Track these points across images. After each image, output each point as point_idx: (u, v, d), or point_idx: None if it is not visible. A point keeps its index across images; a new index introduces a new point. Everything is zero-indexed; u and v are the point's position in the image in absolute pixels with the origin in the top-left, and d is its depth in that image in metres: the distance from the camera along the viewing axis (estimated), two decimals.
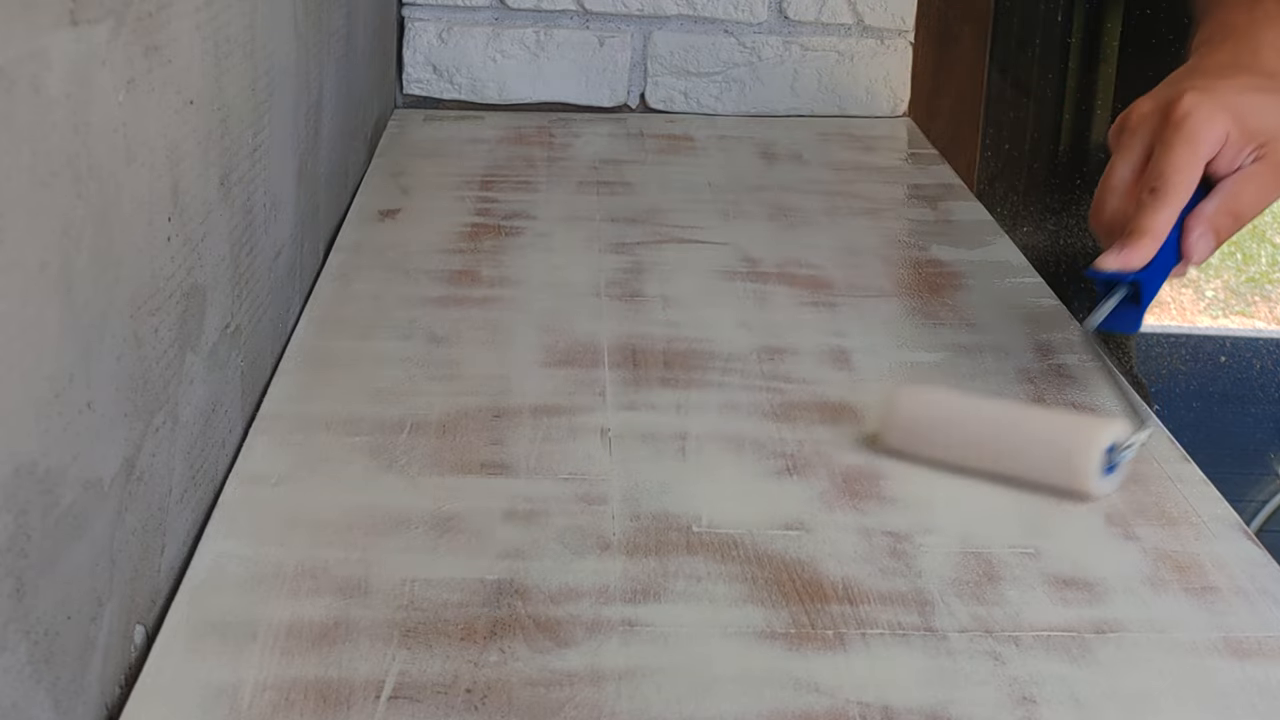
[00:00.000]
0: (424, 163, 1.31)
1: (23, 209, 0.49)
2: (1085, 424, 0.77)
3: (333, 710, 0.58)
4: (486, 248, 1.09)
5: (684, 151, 1.37)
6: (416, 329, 0.94)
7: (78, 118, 0.54)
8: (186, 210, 0.69)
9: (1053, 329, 0.97)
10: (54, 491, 0.53)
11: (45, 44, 0.51)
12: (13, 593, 0.50)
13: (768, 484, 0.76)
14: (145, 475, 0.63)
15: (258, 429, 0.80)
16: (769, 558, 0.69)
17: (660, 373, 0.89)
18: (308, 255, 1.00)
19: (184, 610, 0.64)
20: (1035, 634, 0.64)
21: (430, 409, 0.83)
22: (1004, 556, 0.70)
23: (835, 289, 1.03)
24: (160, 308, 0.65)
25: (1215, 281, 2.51)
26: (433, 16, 1.46)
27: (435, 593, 0.66)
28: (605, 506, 0.74)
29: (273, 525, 0.71)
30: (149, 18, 0.62)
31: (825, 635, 0.64)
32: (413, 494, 0.74)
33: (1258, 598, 0.68)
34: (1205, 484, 0.78)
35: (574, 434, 0.81)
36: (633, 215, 1.18)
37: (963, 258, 1.10)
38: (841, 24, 1.49)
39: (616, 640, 0.63)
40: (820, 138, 1.43)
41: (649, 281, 1.03)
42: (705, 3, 1.47)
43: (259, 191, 0.85)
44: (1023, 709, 0.59)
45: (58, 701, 0.54)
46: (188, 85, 0.69)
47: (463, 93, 1.48)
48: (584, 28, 1.47)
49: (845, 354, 0.92)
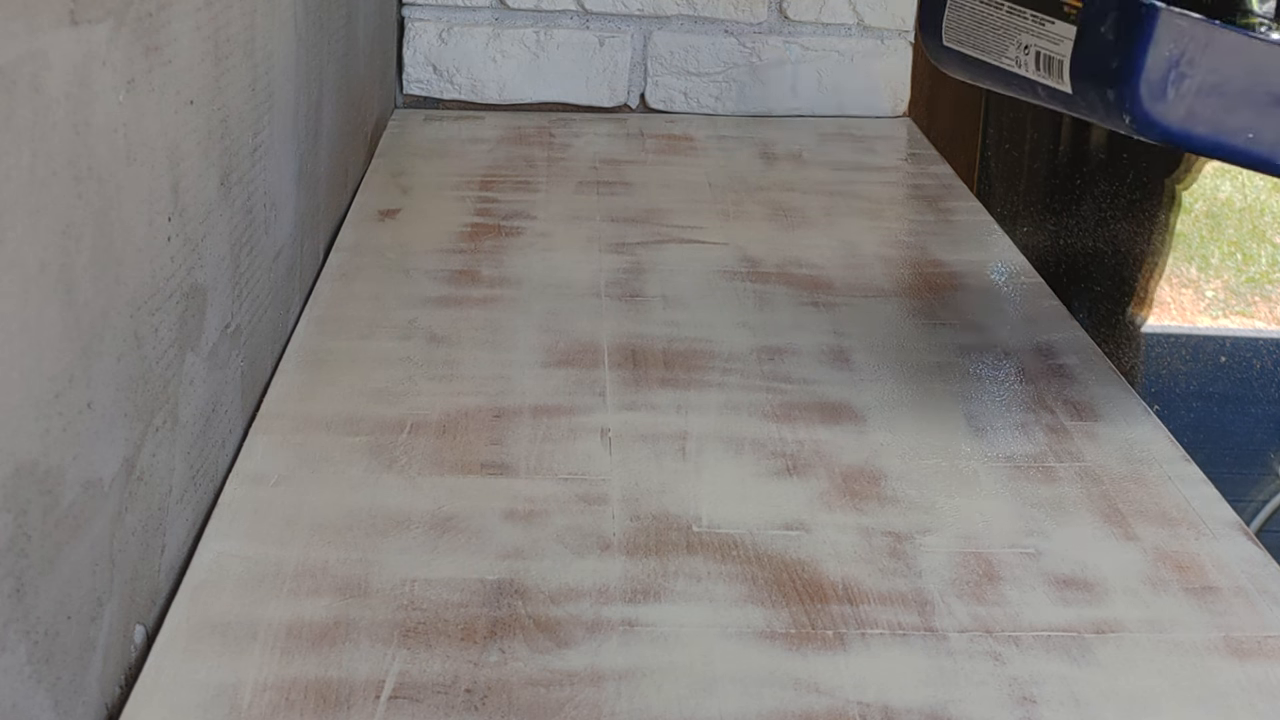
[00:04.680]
0: (424, 163, 1.31)
1: (23, 209, 0.49)
2: None
3: (333, 710, 0.58)
4: (486, 248, 1.09)
5: (684, 151, 1.37)
6: (416, 329, 0.94)
7: (78, 118, 0.54)
8: (186, 210, 0.69)
9: (1053, 329, 0.97)
10: (54, 491, 0.53)
11: (45, 44, 0.51)
12: (13, 593, 0.50)
13: (768, 484, 0.76)
14: (145, 475, 0.63)
15: (258, 429, 0.80)
16: (769, 558, 0.69)
17: (660, 373, 0.89)
18: (308, 255, 1.00)
19: (184, 610, 0.64)
20: (1035, 634, 0.64)
21: (430, 409, 0.83)
22: (1004, 556, 0.70)
23: (835, 289, 1.03)
24: (160, 308, 0.65)
25: (1215, 281, 2.51)
26: (433, 16, 1.46)
27: (435, 593, 0.66)
28: (605, 506, 0.74)
29: (273, 525, 0.71)
30: (149, 18, 0.62)
31: (825, 635, 0.64)
32: (413, 494, 0.74)
33: (1258, 598, 0.68)
34: (1205, 484, 0.78)
35: (574, 434, 0.81)
36: (633, 215, 1.18)
37: (963, 258, 1.10)
38: (841, 24, 1.49)
39: (616, 640, 0.63)
40: (820, 138, 1.43)
41: (649, 281, 1.03)
42: (705, 3, 1.47)
43: (259, 191, 0.85)
44: (1023, 709, 0.59)
45: (58, 702, 0.54)
46: (188, 85, 0.69)
47: (463, 93, 1.48)
48: (584, 28, 1.47)
49: (845, 354, 0.92)
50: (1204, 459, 0.82)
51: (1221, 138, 0.74)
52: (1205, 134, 0.74)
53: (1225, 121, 0.74)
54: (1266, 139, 0.75)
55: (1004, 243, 1.14)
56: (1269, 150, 0.75)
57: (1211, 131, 0.74)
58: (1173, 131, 0.73)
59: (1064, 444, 0.81)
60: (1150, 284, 1.74)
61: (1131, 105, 0.72)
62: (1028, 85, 0.78)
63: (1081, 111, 0.77)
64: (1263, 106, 0.74)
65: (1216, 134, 0.74)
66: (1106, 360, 0.93)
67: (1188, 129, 0.74)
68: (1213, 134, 0.74)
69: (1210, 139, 0.74)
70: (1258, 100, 0.74)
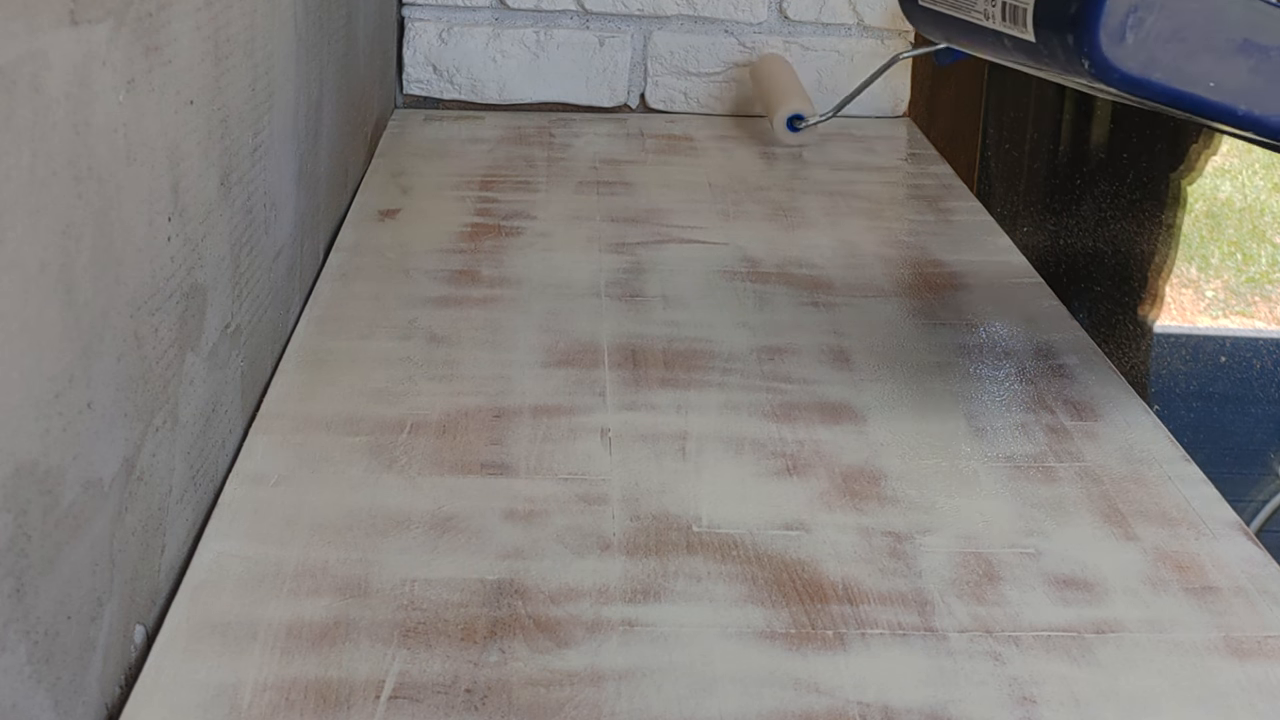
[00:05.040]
0: (424, 163, 1.31)
1: (23, 209, 0.49)
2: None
3: (333, 710, 0.58)
4: (486, 248, 1.09)
5: (684, 151, 1.37)
6: (416, 329, 0.94)
7: (78, 118, 0.54)
8: (186, 210, 0.69)
9: (1053, 329, 0.97)
10: (54, 491, 0.53)
11: (45, 44, 0.51)
12: (13, 593, 0.50)
13: (768, 484, 0.76)
14: (145, 475, 0.63)
15: (258, 429, 0.80)
16: (769, 558, 0.69)
17: (660, 373, 0.89)
18: (308, 255, 1.01)
19: (184, 610, 0.64)
20: (1035, 634, 0.64)
21: (430, 409, 0.83)
22: (1004, 556, 0.70)
23: (835, 289, 1.03)
24: (160, 308, 0.65)
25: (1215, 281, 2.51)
26: (433, 16, 1.46)
27: (435, 593, 0.66)
28: (605, 506, 0.74)
29: (273, 525, 0.71)
30: (149, 18, 0.62)
31: (825, 635, 0.64)
32: (413, 494, 0.74)
33: (1258, 598, 0.68)
34: (1205, 484, 0.78)
35: (574, 434, 0.81)
36: (633, 215, 1.18)
37: (963, 258, 1.10)
38: (841, 24, 1.49)
39: (616, 640, 0.63)
40: (820, 138, 1.43)
41: (649, 281, 1.03)
42: (705, 3, 1.47)
43: (259, 191, 0.85)
44: (1023, 709, 0.59)
45: (58, 702, 0.54)
46: (188, 85, 0.69)
47: (463, 93, 1.48)
48: (584, 28, 1.47)
49: (845, 354, 0.92)
50: (1204, 459, 0.82)
51: (1183, 86, 0.74)
52: (1165, 81, 0.73)
53: (1186, 69, 0.73)
54: (1229, 87, 0.74)
55: (1004, 243, 1.14)
56: (1231, 99, 0.74)
57: (1171, 79, 0.73)
58: (1132, 77, 0.73)
59: (1064, 444, 0.81)
60: (1159, 283, 1.74)
61: (1090, 50, 0.72)
62: (995, 38, 0.78)
63: (1044, 61, 0.76)
64: (1224, 54, 0.74)
65: (1177, 82, 0.74)
66: (1106, 360, 0.93)
67: (1147, 75, 0.73)
68: (1173, 82, 0.73)
69: (1171, 88, 0.74)
70: (1219, 47, 0.74)
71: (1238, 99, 0.74)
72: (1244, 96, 0.74)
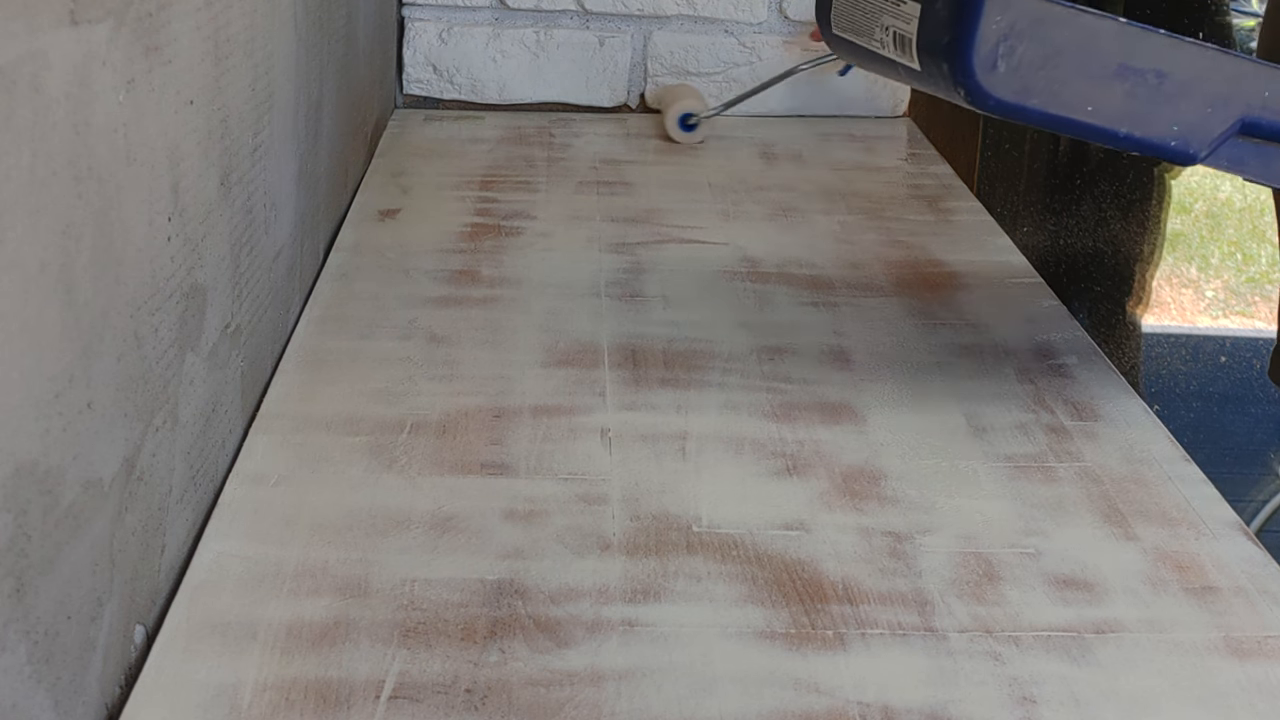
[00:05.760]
0: (424, 163, 1.31)
1: (23, 209, 0.49)
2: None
3: (333, 710, 0.58)
4: (486, 248, 1.09)
5: (684, 151, 1.37)
6: (416, 329, 0.94)
7: (78, 118, 0.54)
8: (186, 210, 0.69)
9: (1053, 329, 0.97)
10: (54, 491, 0.53)
11: (45, 44, 0.51)
12: (13, 593, 0.50)
13: (768, 484, 0.76)
14: (145, 475, 0.63)
15: (258, 429, 0.80)
16: (769, 558, 0.69)
17: (660, 373, 0.89)
18: (308, 255, 1.01)
19: (184, 610, 0.64)
20: (1035, 634, 0.64)
21: (430, 409, 0.83)
22: (1004, 556, 0.70)
23: (835, 289, 1.03)
24: (160, 308, 0.65)
25: (1215, 281, 2.51)
26: (433, 16, 1.46)
27: (435, 593, 0.66)
28: (605, 506, 0.74)
29: (273, 525, 0.71)
30: (149, 18, 0.62)
31: (825, 635, 0.64)
32: (413, 494, 0.74)
33: (1258, 598, 0.68)
34: (1205, 484, 0.78)
35: (574, 434, 0.81)
36: (633, 215, 1.18)
37: (963, 258, 1.10)
38: None
39: (616, 640, 0.63)
40: (820, 138, 1.43)
41: (649, 281, 1.03)
42: (705, 3, 1.47)
43: (259, 191, 0.85)
44: (1023, 709, 0.59)
45: (58, 701, 0.54)
46: (188, 85, 0.69)
47: (463, 93, 1.48)
48: (584, 28, 1.47)
49: (845, 354, 0.92)
50: (1204, 459, 0.82)
51: (1060, 111, 0.75)
52: (1041, 107, 0.74)
53: (1062, 95, 0.74)
54: (1107, 111, 0.75)
55: (1004, 243, 1.14)
56: (1111, 123, 0.75)
57: (1048, 105, 0.74)
58: (1006, 104, 0.74)
59: (1064, 444, 0.81)
60: (1159, 283, 1.74)
61: (964, 78, 0.73)
62: (891, 66, 0.80)
63: (929, 88, 0.78)
64: (1100, 79, 0.74)
65: (1054, 108, 0.74)
66: (1106, 360, 0.93)
67: (1022, 102, 0.74)
68: (1049, 107, 0.74)
69: (1048, 113, 0.74)
70: (1094, 73, 0.74)
71: (1118, 122, 0.75)
72: (1123, 120, 0.75)
